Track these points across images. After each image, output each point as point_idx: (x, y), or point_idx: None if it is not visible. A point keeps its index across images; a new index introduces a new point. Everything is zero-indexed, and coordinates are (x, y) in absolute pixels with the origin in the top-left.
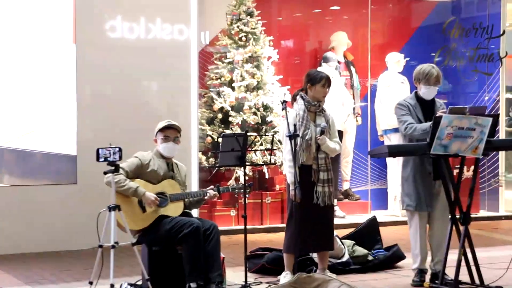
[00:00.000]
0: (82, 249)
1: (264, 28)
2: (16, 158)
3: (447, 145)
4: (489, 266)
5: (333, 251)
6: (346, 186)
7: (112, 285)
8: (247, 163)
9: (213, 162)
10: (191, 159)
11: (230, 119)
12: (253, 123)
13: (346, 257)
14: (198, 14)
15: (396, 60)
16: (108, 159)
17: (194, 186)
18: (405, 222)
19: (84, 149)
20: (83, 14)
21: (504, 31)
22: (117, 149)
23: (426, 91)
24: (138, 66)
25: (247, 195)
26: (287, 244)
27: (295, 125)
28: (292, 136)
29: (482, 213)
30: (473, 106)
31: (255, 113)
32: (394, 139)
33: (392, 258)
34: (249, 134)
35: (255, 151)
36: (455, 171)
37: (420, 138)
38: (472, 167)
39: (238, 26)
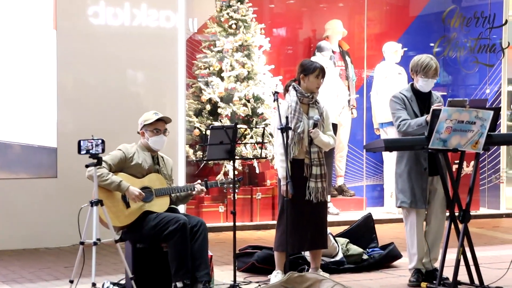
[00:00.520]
0: (62, 246)
1: (255, 15)
2: None
3: (446, 139)
4: (489, 266)
5: (326, 250)
6: (340, 181)
7: (93, 284)
8: (237, 157)
9: (201, 156)
10: (177, 152)
11: (219, 110)
12: (243, 115)
13: (339, 256)
14: (186, 0)
15: (393, 50)
16: (90, 151)
17: (180, 180)
18: (402, 220)
19: (65, 141)
20: None
21: (506, 21)
22: (100, 141)
23: (424, 84)
24: (122, 54)
25: (237, 191)
26: (278, 242)
27: (287, 118)
28: (284, 129)
29: (482, 210)
30: (474, 99)
31: (245, 105)
32: (391, 133)
33: (388, 257)
34: (238, 126)
35: (245, 144)
36: (454, 166)
37: (416, 134)
38: (472, 163)
39: (228, 13)
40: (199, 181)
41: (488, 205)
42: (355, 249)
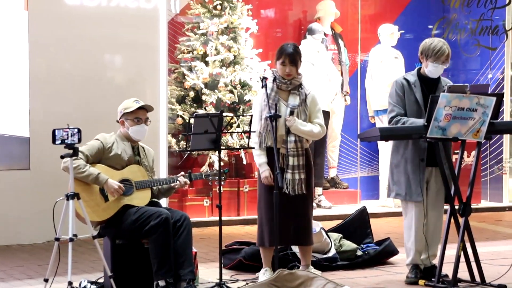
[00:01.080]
0: (36, 243)
1: None
2: None
3: (445, 127)
4: (490, 262)
5: (318, 246)
6: (333, 173)
7: (70, 283)
8: (222, 147)
9: (184, 146)
10: (159, 143)
11: (203, 97)
12: (229, 102)
13: (332, 252)
14: None
15: (389, 32)
16: (66, 141)
17: (162, 172)
18: (398, 214)
19: (38, 130)
20: None
21: (510, 1)
22: (76, 130)
23: (433, 69)
24: (99, 37)
25: (222, 183)
26: (260, 236)
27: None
28: (273, 117)
29: (484, 203)
30: (475, 84)
31: (231, 91)
32: (387, 120)
33: (383, 253)
34: (224, 114)
35: (231, 133)
36: (454, 157)
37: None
38: (473, 153)
39: None
40: (183, 173)
41: (490, 198)
42: (348, 244)
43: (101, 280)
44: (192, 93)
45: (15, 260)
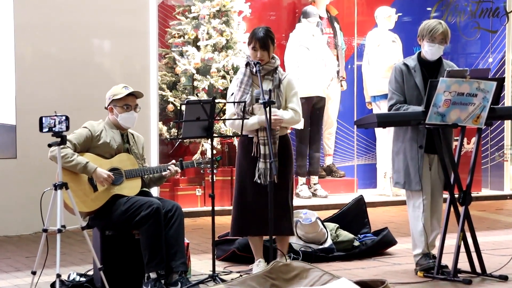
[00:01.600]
0: (23, 234)
1: None
2: None
3: (444, 113)
4: (491, 252)
5: (314, 236)
6: (329, 161)
7: (58, 275)
8: (215, 135)
9: (176, 134)
10: (150, 130)
11: (195, 83)
12: (221, 88)
13: (328, 242)
14: None
15: (386, 15)
16: (53, 129)
17: (153, 160)
18: (397, 203)
19: (24, 117)
20: None
21: None
22: (64, 118)
23: (429, 50)
24: (86, 21)
25: (215, 171)
26: (238, 226)
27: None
28: (267, 103)
29: (485, 192)
30: (475, 69)
31: (224, 77)
32: (384, 107)
33: (381, 244)
34: (217, 101)
35: (224, 120)
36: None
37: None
38: (473, 139)
39: None
40: (174, 161)
41: (491, 186)
42: (345, 235)
43: (91, 273)
44: (183, 79)
45: (1, 252)
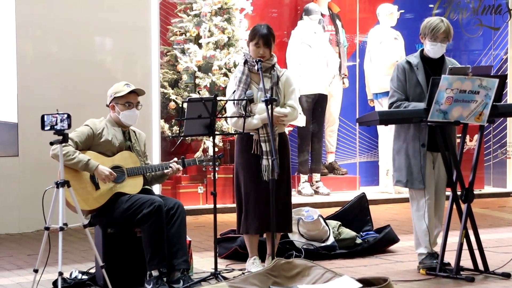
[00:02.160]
0: (25, 232)
1: None
2: None
3: (446, 110)
4: (494, 250)
5: (316, 234)
6: (331, 158)
7: (60, 273)
8: (217, 132)
9: (177, 131)
10: (151, 128)
11: (197, 81)
12: (223, 86)
13: (331, 240)
14: None
15: (388, 12)
16: (55, 127)
17: (155, 158)
18: (399, 200)
19: (26, 115)
20: None
21: None
22: (65, 115)
23: (432, 49)
24: (88, 19)
25: (217, 169)
26: (243, 224)
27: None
28: (269, 101)
29: (487, 189)
30: (477, 66)
31: (225, 74)
32: (386, 104)
33: (383, 241)
34: (218, 98)
35: (225, 118)
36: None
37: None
38: (475, 136)
39: None
40: (176, 159)
41: (494, 183)
42: (347, 232)
43: (93, 270)
44: (185, 77)
45: (3, 250)
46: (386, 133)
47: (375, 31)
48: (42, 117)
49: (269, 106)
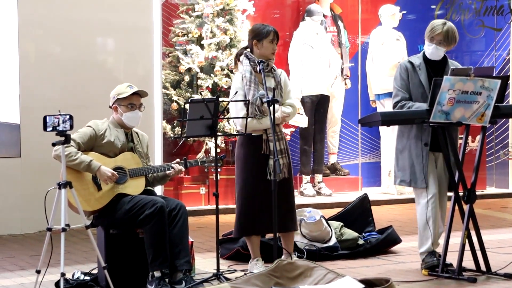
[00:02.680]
0: (27, 233)
1: None
2: None
3: (448, 111)
4: (496, 250)
5: (318, 234)
6: (333, 159)
7: (63, 274)
8: (219, 133)
9: (180, 132)
10: (154, 129)
11: (199, 82)
12: (225, 87)
13: (333, 241)
14: None
15: (390, 13)
16: (57, 128)
17: (157, 159)
18: (401, 201)
19: (28, 116)
20: None
21: None
22: (68, 116)
23: (427, 49)
24: (90, 19)
25: (219, 170)
26: (244, 226)
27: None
28: (271, 102)
29: (489, 190)
30: (479, 67)
31: (227, 75)
32: (389, 105)
33: (386, 242)
34: (220, 99)
35: (227, 119)
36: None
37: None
38: (477, 137)
39: None
40: (178, 160)
41: (496, 184)
42: (349, 233)
43: (95, 271)
44: (187, 78)
45: (6, 250)
46: (388, 134)
47: (377, 32)
48: (44, 118)
49: (271, 107)
